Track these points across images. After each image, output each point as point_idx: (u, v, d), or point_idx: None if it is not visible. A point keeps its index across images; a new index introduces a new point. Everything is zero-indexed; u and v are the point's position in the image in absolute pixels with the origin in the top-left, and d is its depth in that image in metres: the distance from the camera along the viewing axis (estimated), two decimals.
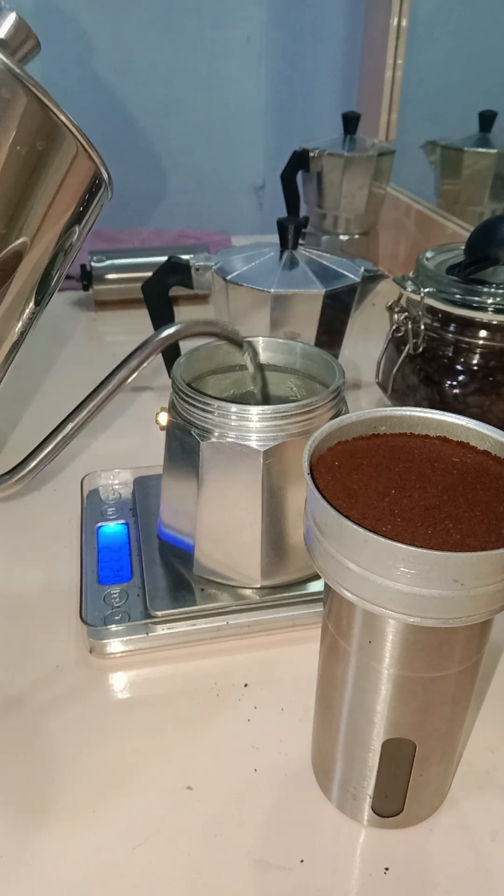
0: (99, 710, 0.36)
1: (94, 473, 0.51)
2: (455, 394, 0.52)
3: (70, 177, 0.30)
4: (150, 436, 0.52)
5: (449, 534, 0.23)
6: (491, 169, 0.90)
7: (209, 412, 0.38)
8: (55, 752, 0.34)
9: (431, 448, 0.28)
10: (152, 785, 0.32)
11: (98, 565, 0.43)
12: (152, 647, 0.39)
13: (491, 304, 0.50)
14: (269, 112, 1.27)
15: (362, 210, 0.91)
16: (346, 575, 0.24)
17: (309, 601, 0.41)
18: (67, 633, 0.40)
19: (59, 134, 0.28)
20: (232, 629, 0.40)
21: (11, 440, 0.58)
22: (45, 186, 0.29)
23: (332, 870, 0.29)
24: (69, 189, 0.30)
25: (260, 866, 0.29)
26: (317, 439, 0.27)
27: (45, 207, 0.30)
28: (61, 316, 0.83)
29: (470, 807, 0.32)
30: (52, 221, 0.31)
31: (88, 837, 0.30)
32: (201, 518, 0.40)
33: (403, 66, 0.98)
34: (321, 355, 0.43)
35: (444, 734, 0.28)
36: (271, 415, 0.37)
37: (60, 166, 0.29)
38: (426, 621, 0.23)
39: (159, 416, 0.41)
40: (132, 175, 1.26)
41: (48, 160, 0.29)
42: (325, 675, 0.30)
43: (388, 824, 0.31)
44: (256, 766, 0.33)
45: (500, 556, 0.22)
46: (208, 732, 0.35)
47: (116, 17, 1.13)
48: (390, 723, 0.27)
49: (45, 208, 0.30)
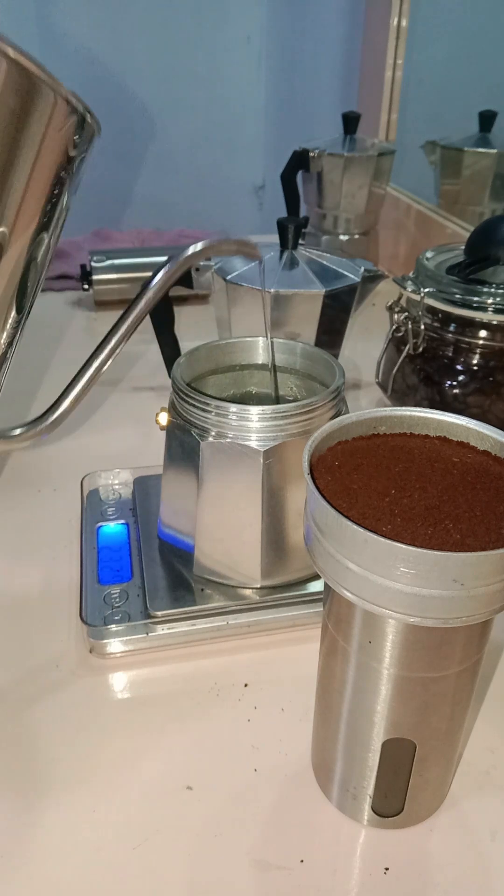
0: (99, 710, 0.36)
1: (94, 473, 0.51)
2: (455, 394, 0.52)
3: (52, 128, 0.29)
4: (150, 436, 0.52)
5: (449, 534, 0.23)
6: (491, 169, 0.90)
7: (209, 412, 0.38)
8: (55, 751, 0.34)
9: (431, 448, 0.28)
10: (152, 785, 0.32)
11: (98, 565, 0.43)
12: (152, 647, 0.39)
13: (491, 304, 0.50)
14: (269, 112, 1.27)
15: (362, 210, 0.91)
16: (346, 575, 0.24)
17: (309, 601, 0.41)
18: (67, 633, 0.40)
19: (32, 86, 0.27)
20: (232, 629, 0.40)
21: None
22: (30, 143, 0.28)
23: (332, 870, 0.29)
24: (54, 139, 0.29)
25: (260, 866, 0.29)
26: (317, 439, 0.27)
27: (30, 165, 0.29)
28: (61, 316, 0.83)
29: (470, 807, 0.32)
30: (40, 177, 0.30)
31: (88, 837, 0.30)
32: (201, 518, 0.40)
33: (403, 66, 0.98)
34: (321, 355, 0.43)
35: (444, 734, 0.28)
36: (271, 415, 0.37)
37: (41, 120, 0.28)
38: (426, 621, 0.23)
39: (159, 416, 0.41)
40: (132, 175, 1.26)
41: (27, 116, 0.28)
42: (325, 675, 0.30)
43: (388, 824, 0.31)
44: (256, 766, 0.33)
45: (500, 556, 0.22)
46: (208, 732, 0.35)
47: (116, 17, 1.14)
48: (390, 723, 0.27)
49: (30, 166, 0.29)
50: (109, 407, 0.65)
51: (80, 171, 0.33)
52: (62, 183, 0.32)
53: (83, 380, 0.36)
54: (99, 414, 0.63)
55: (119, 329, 0.35)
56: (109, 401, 0.65)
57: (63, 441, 0.59)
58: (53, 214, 0.33)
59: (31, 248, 0.32)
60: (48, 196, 0.31)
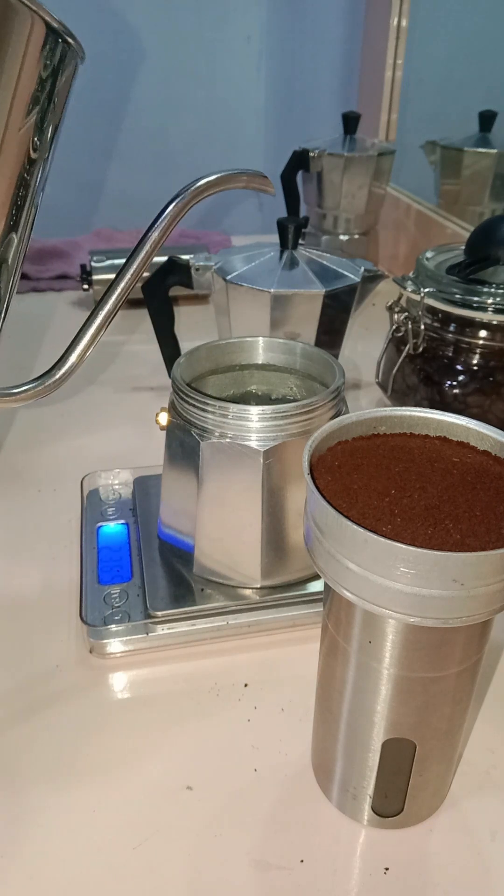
0: (99, 710, 0.36)
1: (94, 473, 0.51)
2: (455, 394, 0.52)
3: (30, 52, 0.28)
4: (150, 436, 0.52)
5: (449, 534, 0.23)
6: (491, 169, 0.90)
7: (209, 412, 0.38)
8: (55, 751, 0.34)
9: (431, 448, 0.28)
10: (152, 785, 0.32)
11: (98, 565, 0.43)
12: (152, 647, 0.39)
13: (491, 304, 0.50)
14: (269, 112, 1.27)
15: (362, 210, 0.91)
16: (346, 575, 0.24)
17: (309, 601, 0.41)
18: (67, 633, 0.40)
19: (7, 7, 0.27)
20: (232, 629, 0.40)
21: (8, 440, 0.58)
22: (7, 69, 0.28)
23: (332, 870, 0.29)
24: (32, 63, 0.29)
25: (260, 866, 0.29)
26: (317, 439, 0.27)
27: (10, 92, 0.28)
28: (61, 316, 0.83)
29: (470, 807, 0.32)
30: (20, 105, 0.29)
31: (88, 837, 0.30)
32: (201, 518, 0.40)
33: (403, 66, 0.98)
34: (321, 355, 0.43)
35: (444, 734, 0.28)
36: (271, 415, 0.37)
37: (18, 43, 0.28)
38: (426, 621, 0.23)
39: (159, 416, 0.41)
40: (132, 175, 1.26)
41: (5, 38, 0.27)
42: (325, 675, 0.30)
43: (388, 824, 0.31)
44: (256, 766, 0.33)
45: (500, 556, 0.22)
46: (208, 732, 0.35)
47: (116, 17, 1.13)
48: (390, 723, 0.27)
49: (10, 93, 0.28)
50: (109, 407, 0.65)
51: (66, 97, 0.33)
52: (45, 109, 0.31)
53: (93, 326, 0.33)
54: (99, 414, 0.63)
55: (129, 269, 0.33)
56: (109, 401, 0.65)
57: (63, 441, 0.59)
58: (41, 139, 0.32)
59: (23, 165, 0.31)
60: (35, 123, 0.31)
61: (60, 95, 0.32)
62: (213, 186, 0.34)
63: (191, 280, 0.58)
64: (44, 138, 0.32)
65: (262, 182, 0.36)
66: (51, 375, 0.34)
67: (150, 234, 0.33)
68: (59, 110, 0.33)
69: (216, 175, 0.34)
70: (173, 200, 0.34)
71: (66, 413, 0.63)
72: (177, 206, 0.33)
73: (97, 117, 1.20)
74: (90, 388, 0.67)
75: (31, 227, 0.35)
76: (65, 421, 0.62)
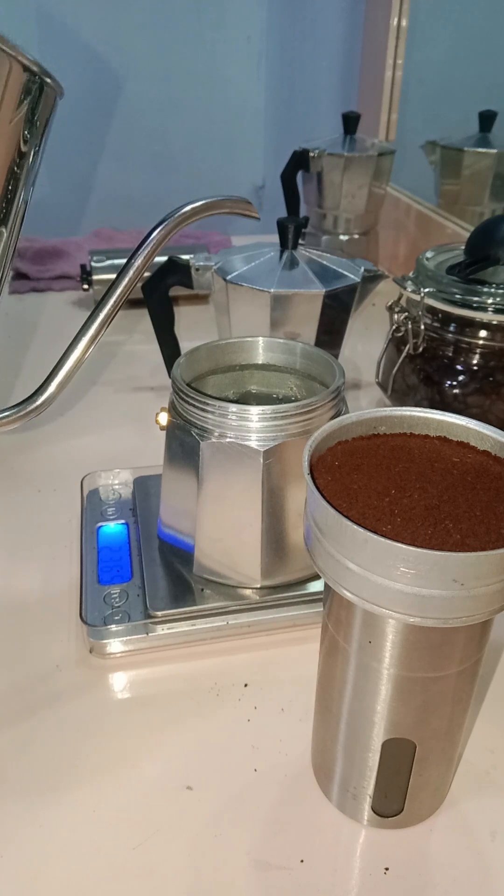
0: (99, 710, 0.36)
1: (94, 473, 0.51)
2: (455, 394, 0.52)
3: (9, 93, 0.29)
4: (150, 436, 0.52)
5: (449, 534, 0.23)
6: (491, 169, 0.90)
7: (209, 412, 0.38)
8: (55, 751, 0.34)
9: (431, 448, 0.28)
10: (152, 785, 0.32)
11: (98, 565, 0.43)
12: (152, 647, 0.39)
13: (491, 304, 0.50)
14: (269, 112, 1.27)
15: (362, 210, 0.91)
16: (346, 575, 0.24)
17: (309, 601, 0.41)
18: (67, 634, 0.40)
19: None
20: (232, 629, 0.40)
21: (8, 440, 0.58)
22: None
23: (332, 870, 0.29)
24: (11, 102, 0.29)
25: (260, 866, 0.29)
26: (317, 439, 0.27)
27: None
28: (61, 316, 0.83)
29: (470, 807, 0.32)
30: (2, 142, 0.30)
31: (88, 837, 0.30)
32: (201, 518, 0.40)
33: (403, 66, 0.98)
34: (321, 355, 0.43)
35: (444, 734, 0.28)
36: (271, 415, 0.37)
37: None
38: (426, 621, 0.23)
39: (159, 416, 0.41)
40: (132, 175, 1.26)
41: None
42: (325, 675, 0.30)
43: (388, 824, 0.31)
44: (256, 766, 0.33)
45: (500, 556, 0.22)
46: (208, 732, 0.35)
47: (116, 17, 1.14)
48: (390, 723, 0.27)
49: None
50: (109, 407, 0.65)
51: (46, 133, 0.34)
52: (25, 147, 0.32)
53: (74, 354, 0.33)
54: (99, 414, 0.63)
55: (112, 295, 0.34)
56: (109, 401, 0.65)
57: (63, 441, 0.59)
58: (20, 176, 0.33)
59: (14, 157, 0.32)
60: (12, 160, 0.31)
61: (39, 129, 0.33)
62: (199, 213, 0.34)
63: (191, 280, 0.58)
64: (19, 175, 0.33)
65: (246, 208, 0.37)
66: (31, 402, 0.35)
67: (133, 262, 0.34)
68: (39, 144, 0.33)
69: (201, 201, 0.35)
70: (158, 226, 0.34)
71: (66, 413, 0.63)
72: (161, 232, 0.34)
73: (97, 117, 1.20)
74: (90, 389, 0.67)
75: (20, 224, 0.36)
76: (65, 421, 0.62)
